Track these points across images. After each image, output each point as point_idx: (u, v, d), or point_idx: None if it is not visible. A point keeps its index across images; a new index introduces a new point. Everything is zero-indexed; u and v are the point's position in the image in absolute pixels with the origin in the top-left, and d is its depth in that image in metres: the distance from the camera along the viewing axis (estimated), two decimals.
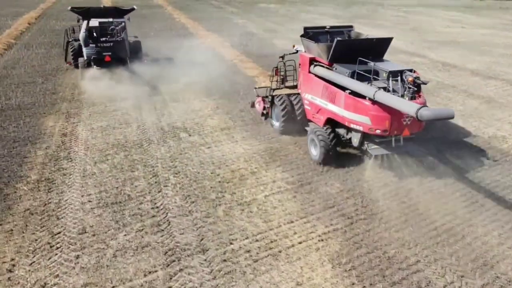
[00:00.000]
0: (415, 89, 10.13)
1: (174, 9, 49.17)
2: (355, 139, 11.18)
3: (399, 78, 10.30)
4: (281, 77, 13.87)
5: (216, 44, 28.39)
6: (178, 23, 38.40)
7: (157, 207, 9.44)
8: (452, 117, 8.92)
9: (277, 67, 13.73)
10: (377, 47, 11.94)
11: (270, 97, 13.79)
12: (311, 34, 13.20)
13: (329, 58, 11.86)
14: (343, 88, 10.98)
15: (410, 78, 10.02)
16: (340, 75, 11.29)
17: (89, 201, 9.66)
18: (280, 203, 9.64)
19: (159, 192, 10.08)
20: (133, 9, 22.44)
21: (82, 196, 9.87)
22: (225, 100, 16.87)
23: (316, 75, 12.30)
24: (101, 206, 9.46)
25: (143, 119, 14.77)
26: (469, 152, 12.39)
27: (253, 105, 14.92)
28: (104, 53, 19.52)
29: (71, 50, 21.85)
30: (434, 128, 13.54)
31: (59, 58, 23.79)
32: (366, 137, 10.91)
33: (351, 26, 14.20)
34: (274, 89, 13.78)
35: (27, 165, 11.35)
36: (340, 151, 11.92)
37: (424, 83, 10.26)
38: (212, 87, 18.57)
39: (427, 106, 9.13)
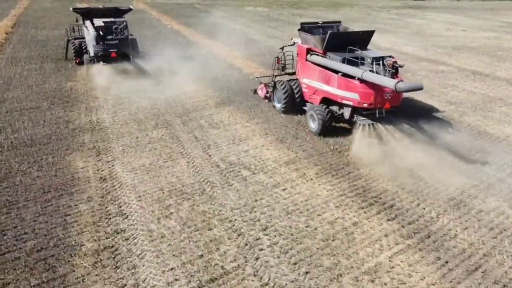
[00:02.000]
0: (394, 71, 12.49)
1: (160, 14, 46.52)
2: (346, 113, 13.62)
3: (380, 62, 12.63)
4: (282, 65, 16.28)
5: (225, 54, 26.35)
6: (172, 30, 35.95)
7: (266, 284, 7.48)
8: (421, 89, 11.78)
9: (278, 56, 16.15)
10: (363, 39, 14.54)
11: (272, 82, 16.13)
12: (307, 28, 15.60)
13: (323, 47, 14.23)
14: (336, 72, 13.46)
15: (390, 62, 12.48)
16: (333, 61, 13.71)
17: (176, 280, 7.57)
18: (411, 268, 7.91)
19: (257, 259, 8.11)
20: (130, 9, 24.25)
21: (163, 272, 7.76)
22: (270, 124, 14.97)
23: (312, 62, 14.70)
24: (196, 287, 7.41)
25: (188, 153, 12.65)
26: None
27: (255, 92, 17.33)
28: (110, 50, 20.63)
29: (72, 48, 23.36)
30: None
31: (56, 75, 21.14)
32: (355, 111, 13.34)
33: (339, 22, 16.78)
34: (276, 76, 16.20)
35: (74, 227, 9.06)
36: None
37: (401, 66, 12.73)
38: (246, 107, 16.65)
39: (403, 81, 11.69)
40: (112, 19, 21.71)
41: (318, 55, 14.52)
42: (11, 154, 12.44)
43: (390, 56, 12.96)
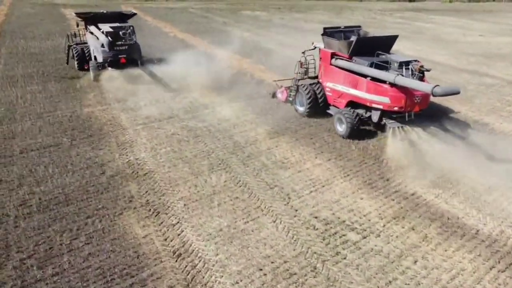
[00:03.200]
0: (421, 75, 12.89)
1: (156, 20, 43.54)
2: (375, 116, 13.82)
3: (408, 67, 12.97)
4: (305, 69, 16.33)
5: (248, 67, 23.96)
6: (177, 39, 33.15)
7: None
8: (458, 93, 11.42)
9: (300, 61, 16.26)
10: (386, 43, 14.89)
11: (295, 86, 16.19)
12: (329, 33, 15.83)
13: (349, 52, 14.49)
14: (364, 76, 13.57)
15: (417, 67, 12.83)
16: (362, 66, 13.83)
17: None
18: None
19: None
20: (134, 14, 23.63)
21: None
22: (345, 161, 12.68)
23: (337, 67, 14.94)
24: None
25: (268, 208, 10.20)
26: None
27: (274, 96, 17.48)
28: (119, 56, 20.05)
29: (75, 54, 22.36)
30: None
31: (66, 98, 18.27)
32: (384, 114, 13.53)
33: (359, 26, 16.91)
34: (299, 80, 16.24)
35: None
36: None
37: (428, 70, 13.11)
38: (305, 137, 14.36)
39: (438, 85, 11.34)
40: (119, 24, 21.17)
41: (343, 59, 14.82)
42: (45, 218, 9.72)
43: (415, 60, 13.43)
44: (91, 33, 21.33)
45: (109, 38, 19.52)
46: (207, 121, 15.78)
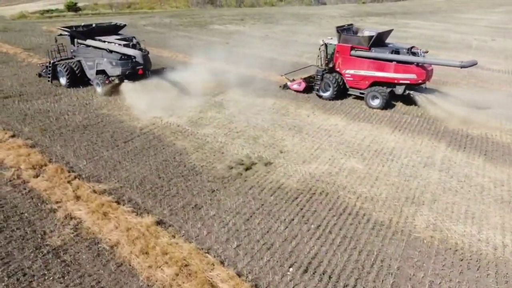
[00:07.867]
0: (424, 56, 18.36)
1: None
2: (400, 90, 18.56)
3: (412, 51, 18.20)
4: (326, 61, 20.10)
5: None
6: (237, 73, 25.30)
7: None
8: (476, 64, 17.38)
9: (319, 55, 20.14)
10: (387, 36, 19.74)
11: (319, 76, 20.07)
12: (341, 31, 19.68)
13: (370, 44, 18.59)
14: (389, 60, 18.14)
15: (425, 50, 18.30)
16: (385, 54, 18.38)
17: None
18: None
19: None
20: (125, 25, 22.97)
21: None
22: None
23: (359, 57, 18.92)
24: None
25: None
26: None
27: (284, 87, 21.40)
28: (137, 67, 19.89)
29: (65, 71, 21.13)
30: None
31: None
32: (406, 88, 18.39)
33: (352, 24, 21.24)
34: (323, 70, 20.01)
35: None
36: None
37: (427, 52, 18.38)
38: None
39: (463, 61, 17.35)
40: (125, 36, 21.09)
41: (364, 50, 18.79)
42: None
43: (413, 46, 18.33)
44: (88, 46, 20.57)
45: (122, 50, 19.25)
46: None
